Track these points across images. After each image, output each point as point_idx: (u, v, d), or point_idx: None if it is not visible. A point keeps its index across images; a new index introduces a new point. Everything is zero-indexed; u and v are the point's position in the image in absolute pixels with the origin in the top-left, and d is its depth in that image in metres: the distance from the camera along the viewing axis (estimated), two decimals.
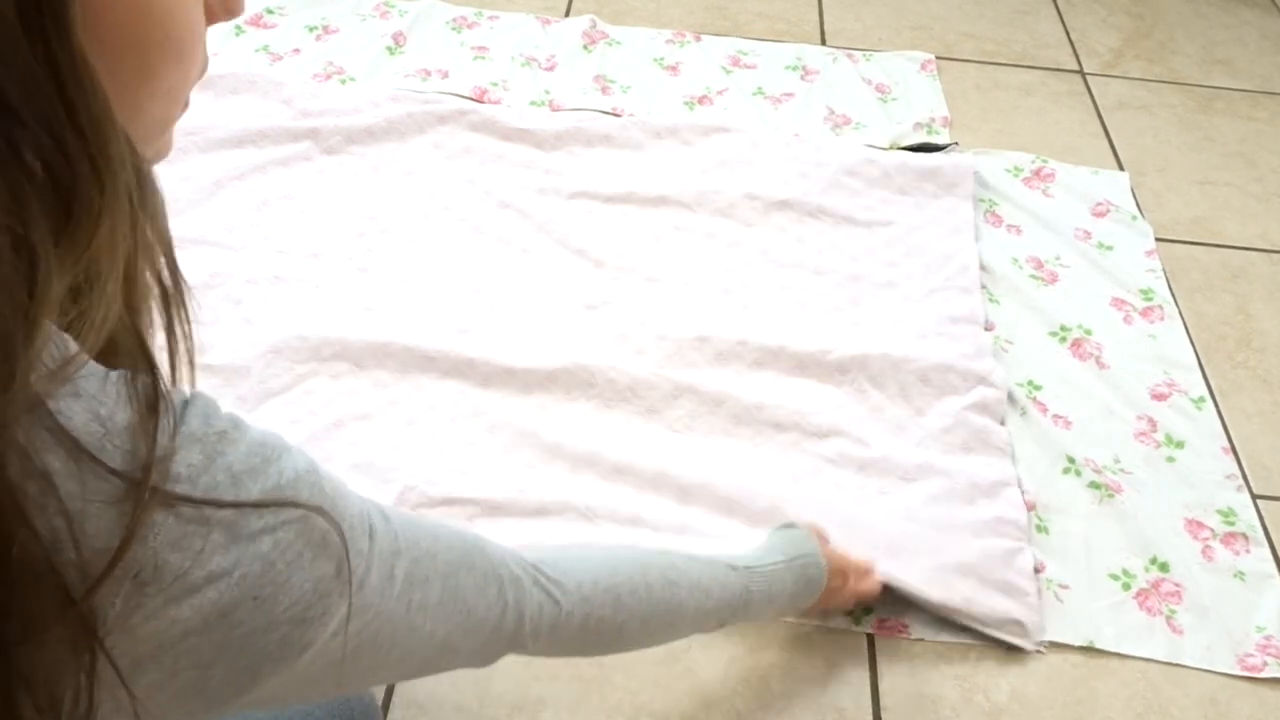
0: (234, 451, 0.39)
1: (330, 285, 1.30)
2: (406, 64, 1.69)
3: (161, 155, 0.43)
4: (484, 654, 0.58)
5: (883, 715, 0.98)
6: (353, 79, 1.65)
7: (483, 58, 1.73)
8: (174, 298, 0.40)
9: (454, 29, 1.78)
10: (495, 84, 1.66)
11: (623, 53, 1.77)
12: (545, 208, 1.43)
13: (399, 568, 0.48)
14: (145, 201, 0.38)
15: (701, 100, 1.69)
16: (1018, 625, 1.03)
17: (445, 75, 1.67)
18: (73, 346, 0.36)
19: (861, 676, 1.01)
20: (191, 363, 0.41)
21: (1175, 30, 1.99)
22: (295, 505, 0.41)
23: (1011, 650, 1.03)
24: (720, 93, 1.70)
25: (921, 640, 1.03)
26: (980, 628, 1.03)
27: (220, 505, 0.38)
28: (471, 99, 1.62)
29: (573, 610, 0.61)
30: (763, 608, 0.82)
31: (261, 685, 0.41)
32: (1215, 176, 1.65)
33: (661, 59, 1.77)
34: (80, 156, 0.34)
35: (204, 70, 0.43)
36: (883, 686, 1.00)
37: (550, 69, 1.71)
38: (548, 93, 1.66)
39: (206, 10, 0.42)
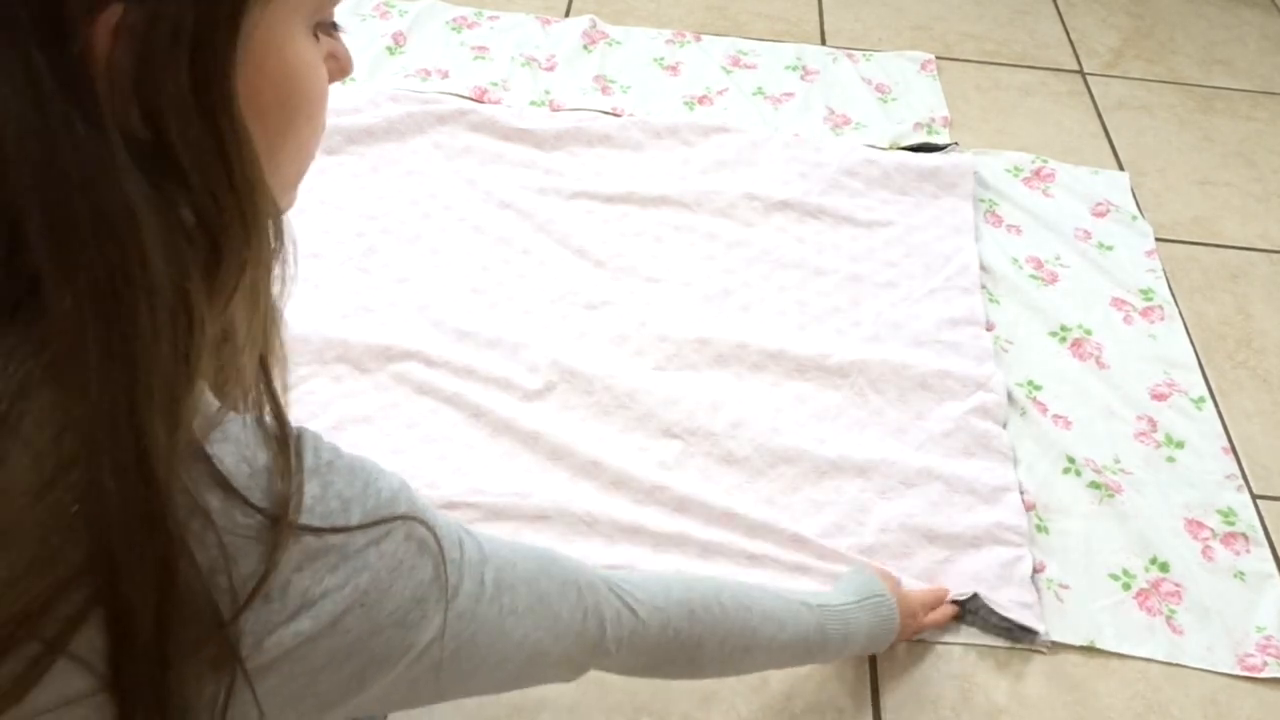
0: (340, 479, 0.43)
1: (330, 285, 1.30)
2: (406, 64, 1.69)
3: (289, 206, 0.47)
4: (571, 662, 0.60)
5: (883, 715, 0.98)
6: (353, 79, 1.65)
7: (483, 58, 1.73)
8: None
9: (454, 29, 1.78)
10: (495, 84, 1.66)
11: (623, 53, 1.77)
12: (545, 208, 1.43)
13: (488, 575, 0.50)
14: (281, 253, 0.43)
15: (701, 100, 1.69)
16: (1027, 632, 1.03)
17: (445, 75, 1.67)
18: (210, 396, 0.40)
19: (861, 676, 1.01)
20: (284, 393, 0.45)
21: (1175, 30, 1.99)
22: (394, 518, 0.44)
23: (1011, 650, 1.03)
24: (720, 93, 1.70)
25: (922, 640, 1.03)
26: (986, 641, 1.03)
27: (337, 531, 0.42)
28: (471, 99, 1.62)
29: (649, 619, 0.63)
30: (840, 646, 0.84)
31: (368, 689, 0.44)
32: (1215, 176, 1.65)
33: (661, 59, 1.77)
34: (234, 213, 0.38)
35: (324, 127, 0.48)
36: (883, 686, 1.00)
37: (550, 69, 1.71)
38: (548, 93, 1.66)
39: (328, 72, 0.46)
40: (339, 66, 0.48)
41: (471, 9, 1.83)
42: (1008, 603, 1.04)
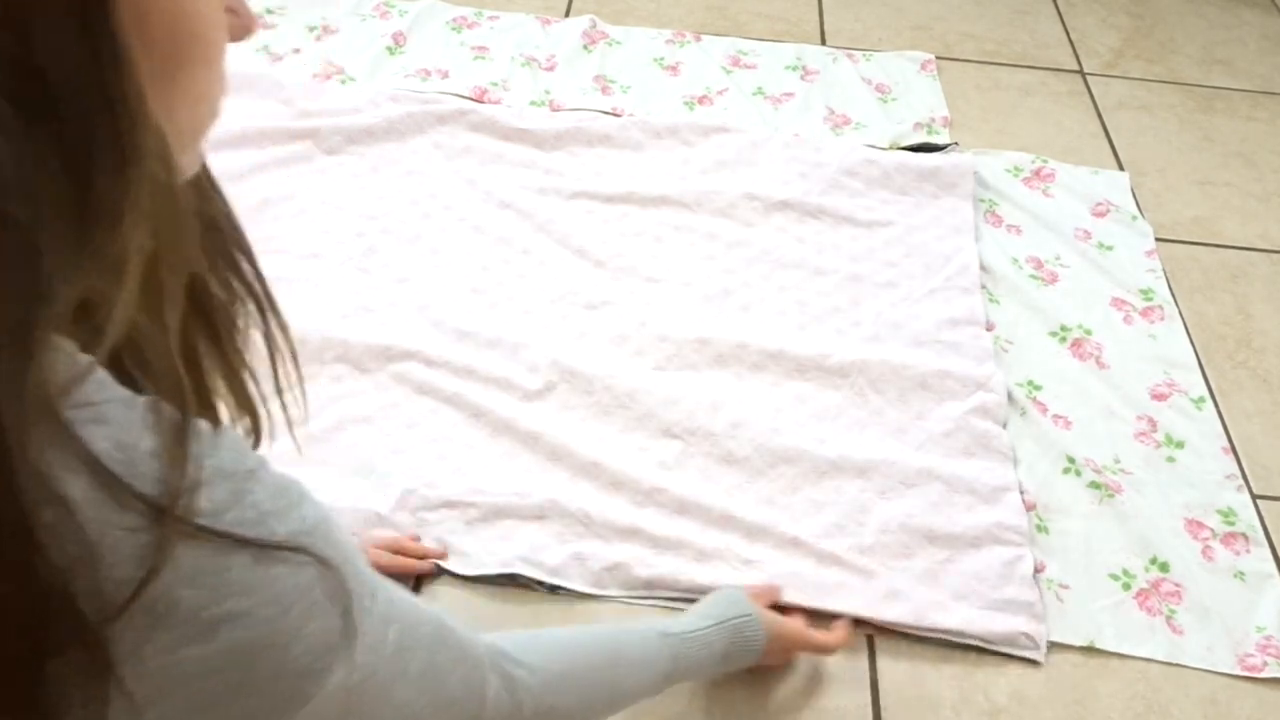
0: (261, 491, 0.38)
1: (330, 285, 1.30)
2: (406, 64, 1.69)
3: (191, 169, 0.42)
4: None
5: (883, 715, 0.98)
6: (353, 79, 1.65)
7: (483, 58, 1.73)
8: (263, 303, 0.40)
9: (454, 29, 1.78)
10: (495, 84, 1.66)
11: (623, 53, 1.77)
12: (545, 208, 1.43)
13: (391, 633, 0.47)
14: (176, 209, 0.37)
15: (701, 100, 1.69)
16: (1026, 638, 1.03)
17: (445, 75, 1.67)
18: (83, 361, 0.35)
19: (861, 676, 1.01)
20: (295, 359, 0.40)
21: (1175, 30, 1.99)
22: (312, 553, 0.40)
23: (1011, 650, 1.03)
24: (720, 93, 1.70)
25: (922, 640, 1.03)
26: (986, 645, 1.03)
27: (245, 542, 0.37)
28: (471, 99, 1.62)
29: (525, 701, 0.61)
30: (696, 670, 0.83)
31: None
32: (1215, 176, 1.65)
33: (661, 59, 1.77)
34: (107, 145, 0.32)
35: (226, 89, 0.43)
36: (883, 686, 1.00)
37: (550, 69, 1.71)
38: (548, 93, 1.66)
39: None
40: (241, 25, 0.43)
41: (471, 9, 1.83)
42: (991, 631, 1.03)
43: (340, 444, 1.14)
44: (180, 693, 0.36)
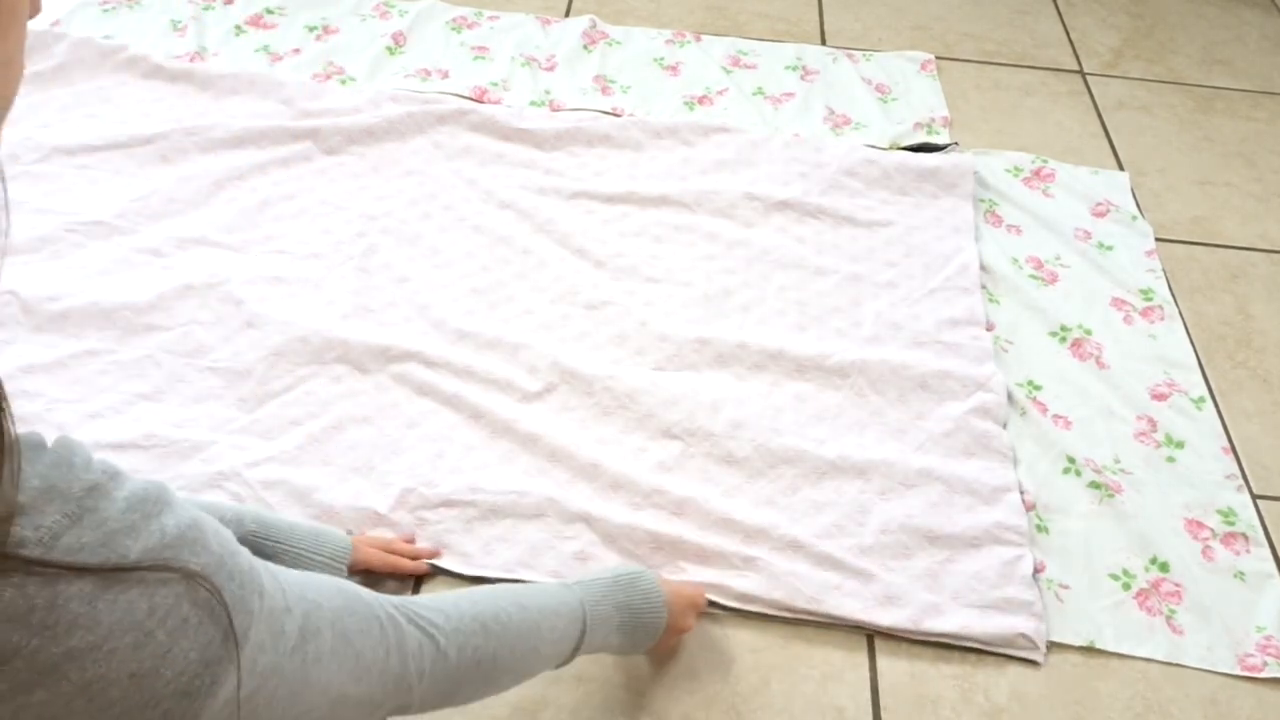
0: (109, 507, 0.35)
1: (330, 285, 1.30)
2: (406, 64, 1.69)
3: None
4: (373, 702, 0.56)
5: (883, 715, 0.98)
6: (353, 79, 1.65)
7: (483, 58, 1.73)
8: None
9: (454, 29, 1.78)
10: (495, 84, 1.66)
11: (623, 53, 1.77)
12: (545, 208, 1.43)
13: (290, 623, 0.45)
14: None
15: (701, 100, 1.69)
16: (1025, 639, 1.03)
17: (445, 75, 1.67)
18: None
19: (861, 676, 1.01)
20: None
21: (1175, 30, 1.99)
22: (172, 568, 0.37)
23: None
24: (720, 93, 1.70)
25: (922, 640, 1.03)
26: (985, 647, 1.03)
27: (82, 571, 0.33)
28: (471, 99, 1.62)
29: (448, 644, 0.61)
30: (605, 625, 0.82)
31: None
32: (1215, 176, 1.65)
33: (661, 59, 1.77)
34: None
35: (21, 71, 0.39)
36: (883, 686, 1.00)
37: (550, 69, 1.71)
38: (548, 93, 1.66)
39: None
40: (35, 3, 0.40)
41: (471, 9, 1.83)
42: (990, 632, 1.03)
43: (340, 444, 1.14)
44: None
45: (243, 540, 0.79)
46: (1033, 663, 1.02)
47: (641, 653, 0.95)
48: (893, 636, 1.03)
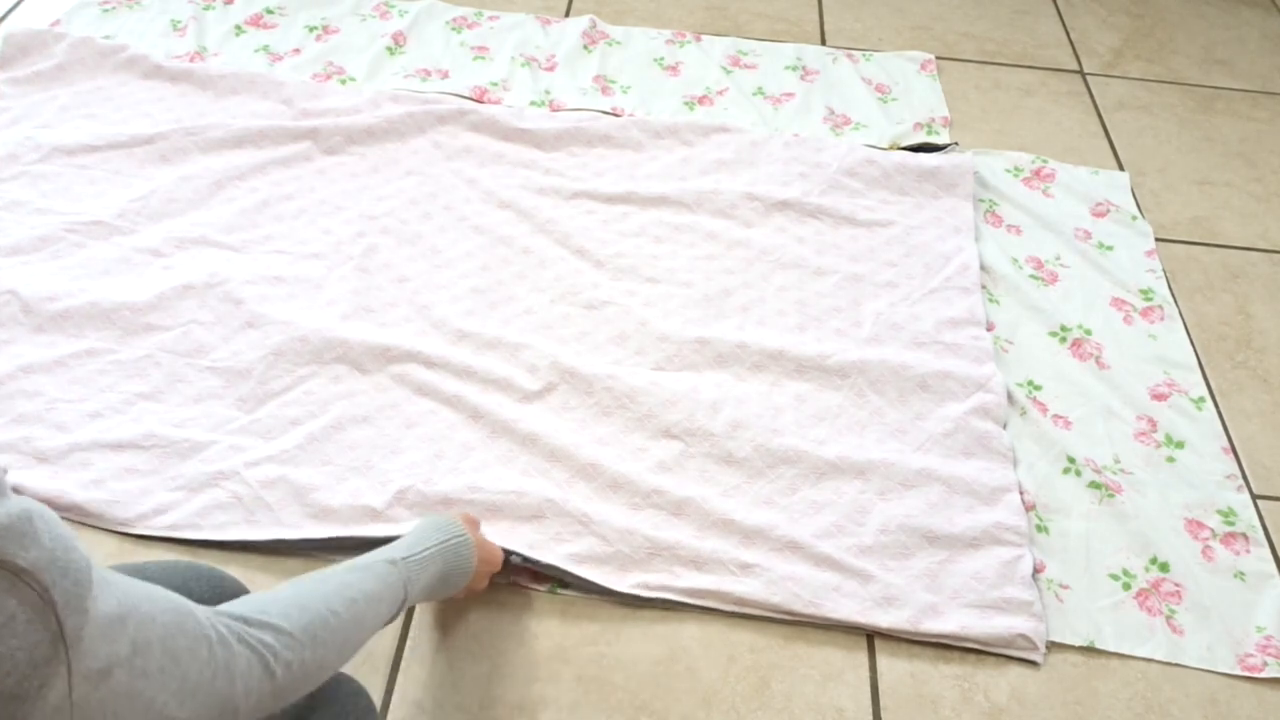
0: None
1: (330, 285, 1.30)
2: (406, 64, 1.69)
3: None
4: None
5: (883, 715, 0.98)
6: (353, 79, 1.65)
7: (483, 58, 1.73)
8: None
9: (454, 29, 1.78)
10: (495, 84, 1.66)
11: (623, 53, 1.77)
12: (545, 208, 1.43)
13: (124, 633, 0.44)
14: None
15: (701, 100, 1.69)
16: (1024, 639, 1.03)
17: (445, 75, 1.67)
18: None
19: (861, 676, 1.01)
20: None
21: (1175, 30, 1.99)
22: (2, 561, 0.36)
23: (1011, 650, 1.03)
24: (720, 93, 1.70)
25: (922, 640, 1.03)
26: (985, 648, 1.03)
27: None
28: (471, 99, 1.62)
29: (277, 662, 0.60)
30: (422, 594, 0.83)
31: None
32: (1215, 176, 1.65)
33: (661, 59, 1.77)
34: None
35: None
36: (883, 686, 1.00)
37: (550, 69, 1.71)
38: (548, 93, 1.66)
39: None
40: None
41: (471, 9, 1.83)
42: (990, 633, 1.03)
43: (340, 443, 1.14)
44: None
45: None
46: (1032, 663, 1.02)
47: None
48: (892, 637, 1.03)
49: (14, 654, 0.36)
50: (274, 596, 0.65)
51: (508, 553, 1.01)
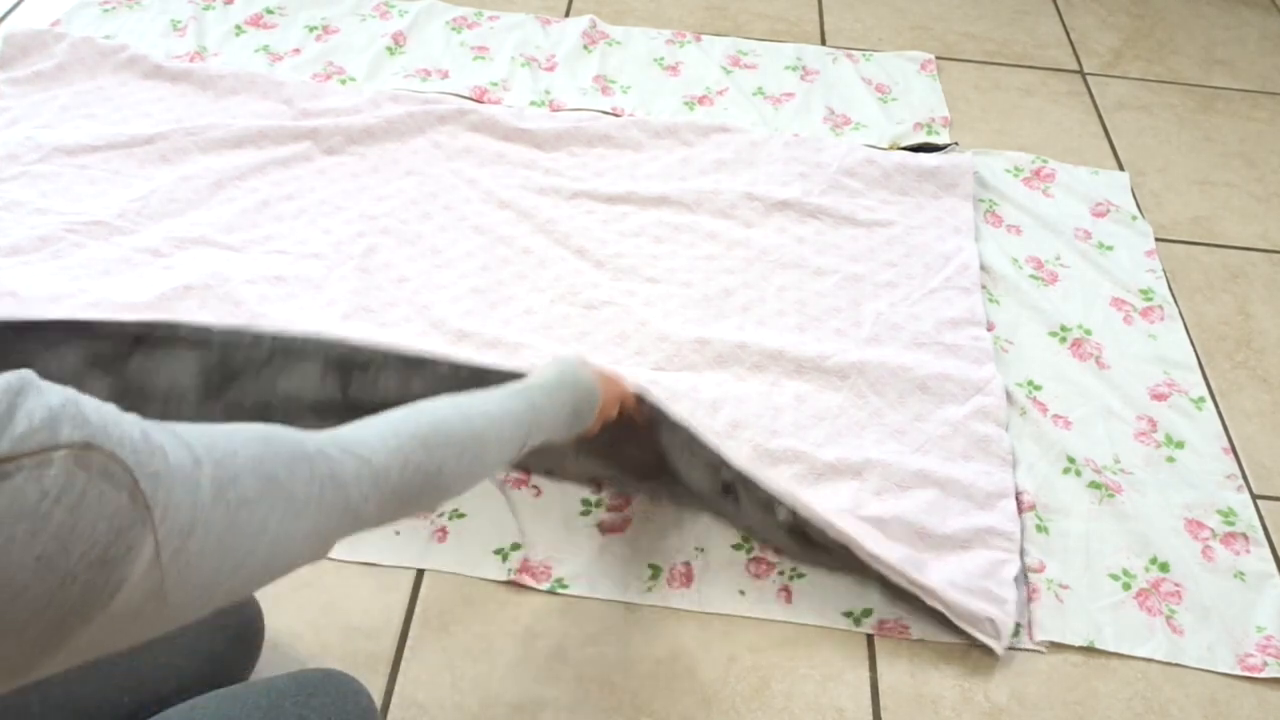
0: None
1: (331, 285, 1.30)
2: (406, 64, 1.69)
3: None
4: (320, 534, 0.54)
5: (883, 715, 0.98)
6: (353, 79, 1.65)
7: (483, 58, 1.73)
8: None
9: (454, 29, 1.78)
10: (495, 84, 1.66)
11: (623, 53, 1.77)
12: (545, 207, 1.43)
13: (203, 475, 0.45)
14: None
15: (701, 100, 1.69)
16: (990, 624, 1.03)
17: (445, 75, 1.67)
18: None
19: (861, 676, 1.01)
20: None
21: (1175, 30, 1.99)
22: (57, 445, 0.37)
23: (1012, 650, 1.03)
24: (720, 93, 1.70)
25: (922, 640, 1.03)
26: (951, 616, 1.03)
27: None
28: (471, 99, 1.62)
29: (387, 463, 0.60)
30: (550, 424, 0.82)
31: (72, 640, 0.38)
32: (1215, 176, 1.65)
33: (661, 59, 1.77)
34: None
35: None
36: (883, 686, 1.00)
37: (550, 69, 1.71)
38: (548, 93, 1.66)
39: None
40: None
41: (471, 9, 1.83)
42: (961, 604, 1.02)
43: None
44: None
45: None
46: (1033, 663, 1.02)
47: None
48: (892, 636, 1.03)
49: (94, 525, 0.37)
50: (382, 417, 0.65)
51: (640, 396, 1.00)
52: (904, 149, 1.60)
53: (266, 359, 1.03)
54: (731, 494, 1.05)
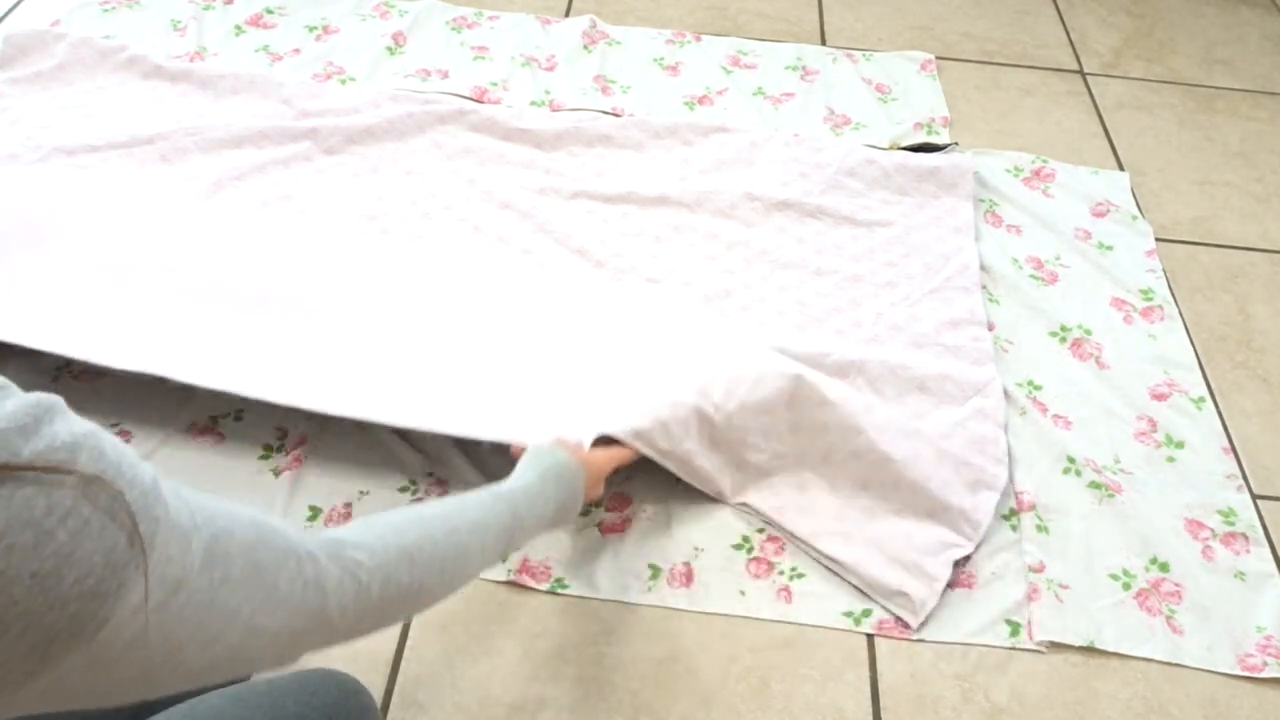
0: None
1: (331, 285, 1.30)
2: (406, 64, 1.69)
3: None
4: (293, 637, 0.55)
5: (882, 715, 0.98)
6: (353, 79, 1.65)
7: (483, 58, 1.73)
8: None
9: (454, 29, 1.78)
10: (495, 84, 1.66)
11: (623, 53, 1.77)
12: (545, 208, 1.43)
13: (197, 541, 0.45)
14: None
15: (701, 100, 1.69)
16: (905, 598, 1.03)
17: (445, 75, 1.67)
18: None
19: (861, 676, 1.01)
20: None
21: (1175, 30, 1.99)
22: (72, 470, 0.38)
23: (1012, 650, 1.03)
24: (720, 93, 1.70)
25: (922, 640, 1.03)
26: (865, 589, 1.05)
27: None
28: (471, 99, 1.62)
29: (371, 580, 0.60)
30: (536, 524, 0.83)
31: (54, 667, 0.38)
32: (1215, 176, 1.65)
33: (661, 59, 1.77)
34: None
35: None
36: (882, 686, 1.00)
37: (550, 69, 1.71)
38: (548, 93, 1.66)
39: None
40: None
41: (471, 9, 1.83)
42: (877, 579, 1.05)
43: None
44: None
45: None
46: (1033, 663, 1.02)
47: None
48: (893, 636, 1.03)
49: (90, 556, 0.38)
50: (367, 523, 0.66)
51: (607, 439, 1.01)
52: (904, 149, 1.60)
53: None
54: None
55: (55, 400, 0.40)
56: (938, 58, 1.83)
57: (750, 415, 1.10)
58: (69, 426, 0.39)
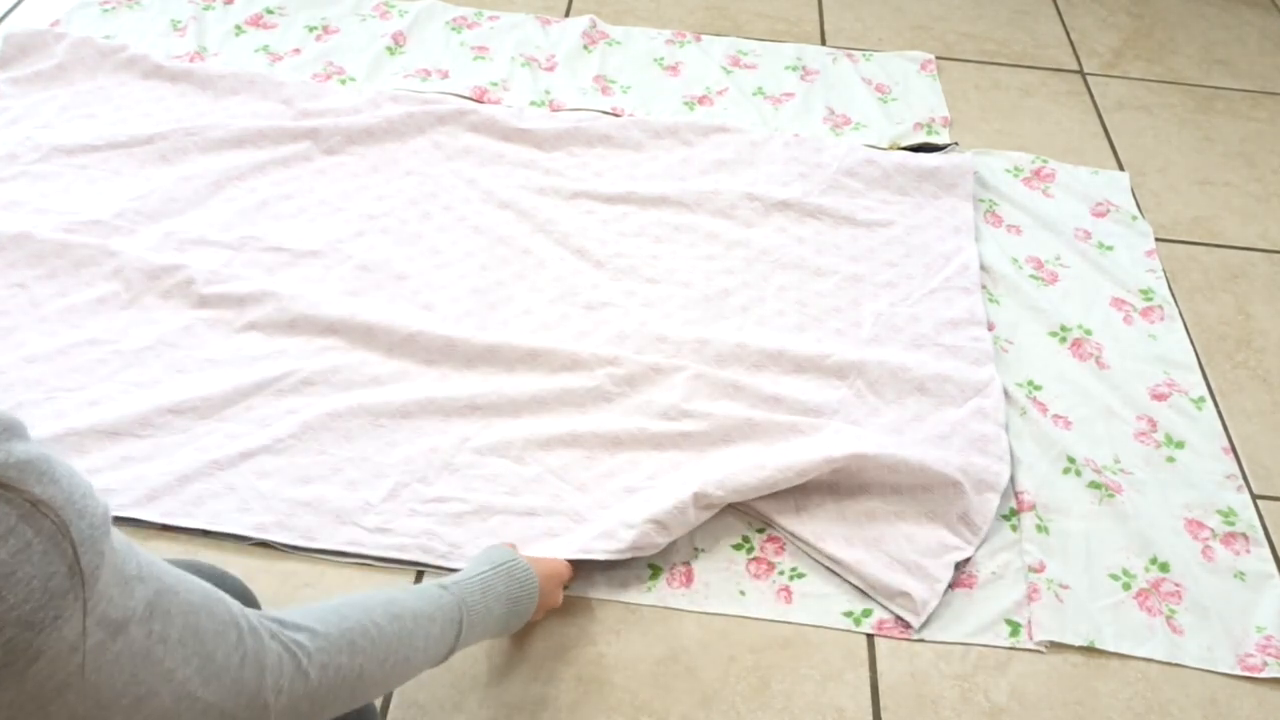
0: None
1: (330, 285, 1.30)
2: (406, 64, 1.69)
3: None
4: (223, 713, 0.53)
5: (882, 715, 0.98)
6: (353, 79, 1.65)
7: (483, 58, 1.73)
8: None
9: (454, 29, 1.78)
10: (495, 84, 1.66)
11: (623, 53, 1.77)
12: (545, 208, 1.43)
13: (140, 590, 0.44)
14: None
15: (701, 100, 1.69)
16: (907, 598, 1.04)
17: (445, 75, 1.67)
18: None
19: (861, 676, 1.01)
20: None
21: (1175, 30, 1.99)
22: (15, 489, 0.37)
23: (1011, 650, 1.03)
24: (720, 93, 1.70)
25: (922, 640, 1.03)
26: (867, 590, 1.05)
27: None
28: (471, 99, 1.62)
29: (310, 662, 0.59)
30: (485, 620, 0.82)
31: None
32: (1215, 176, 1.65)
33: (661, 59, 1.77)
34: None
35: None
36: (882, 686, 1.00)
37: (550, 69, 1.71)
38: (548, 93, 1.66)
39: None
40: None
41: (471, 9, 1.83)
42: (878, 579, 1.05)
43: (338, 432, 1.14)
44: None
45: None
46: (1033, 663, 1.02)
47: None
48: (893, 636, 1.03)
49: (29, 581, 0.37)
50: (312, 606, 0.65)
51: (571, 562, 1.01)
52: (904, 149, 1.60)
53: None
54: None
55: (17, 421, 0.39)
56: (938, 58, 1.83)
57: (751, 492, 1.10)
58: (25, 447, 0.38)
